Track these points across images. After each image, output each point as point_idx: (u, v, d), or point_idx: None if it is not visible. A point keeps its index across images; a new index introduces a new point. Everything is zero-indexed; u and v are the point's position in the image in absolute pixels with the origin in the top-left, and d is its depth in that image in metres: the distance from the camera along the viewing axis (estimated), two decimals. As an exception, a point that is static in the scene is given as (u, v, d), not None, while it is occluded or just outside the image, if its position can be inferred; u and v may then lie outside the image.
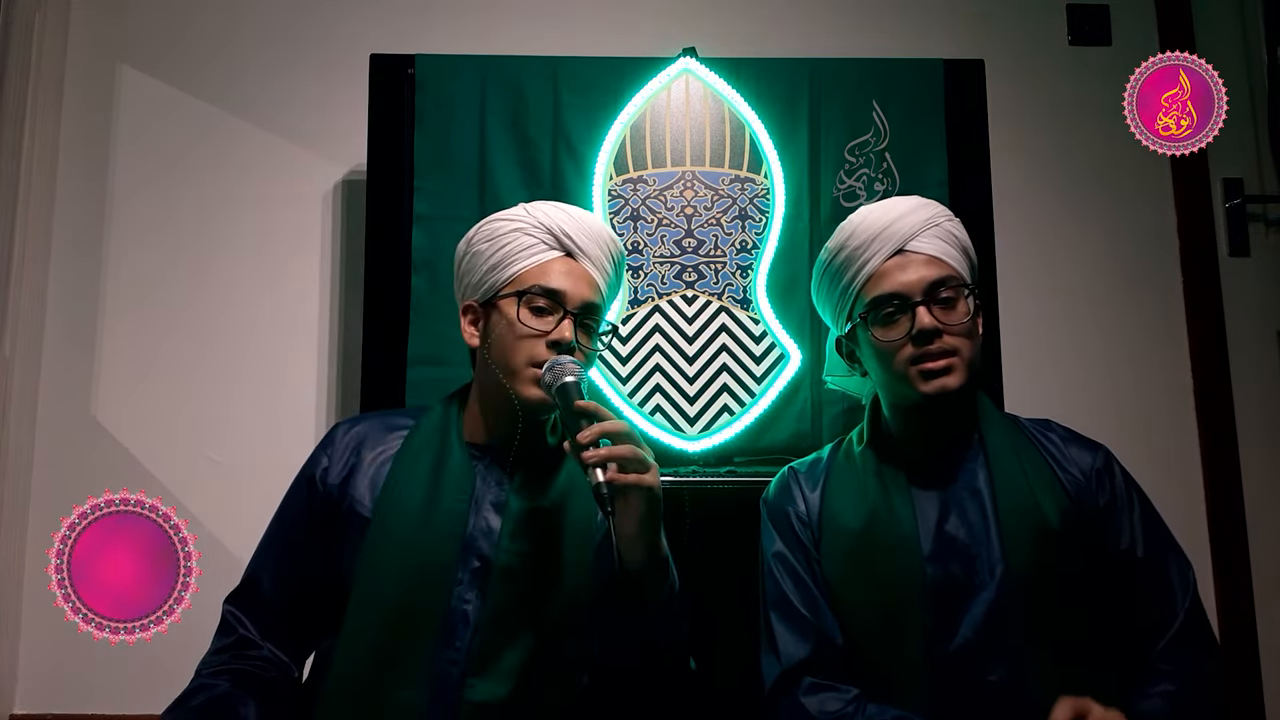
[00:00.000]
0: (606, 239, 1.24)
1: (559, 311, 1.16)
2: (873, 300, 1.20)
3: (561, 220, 1.21)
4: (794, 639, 1.17)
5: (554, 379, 1.09)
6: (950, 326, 1.16)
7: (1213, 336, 1.97)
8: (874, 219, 1.22)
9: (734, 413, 1.66)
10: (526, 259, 1.19)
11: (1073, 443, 1.25)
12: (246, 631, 1.14)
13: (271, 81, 1.97)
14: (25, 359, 1.83)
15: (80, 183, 1.93)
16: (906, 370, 1.17)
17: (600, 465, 1.01)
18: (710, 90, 1.74)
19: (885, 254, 1.20)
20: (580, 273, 1.20)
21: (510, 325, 1.16)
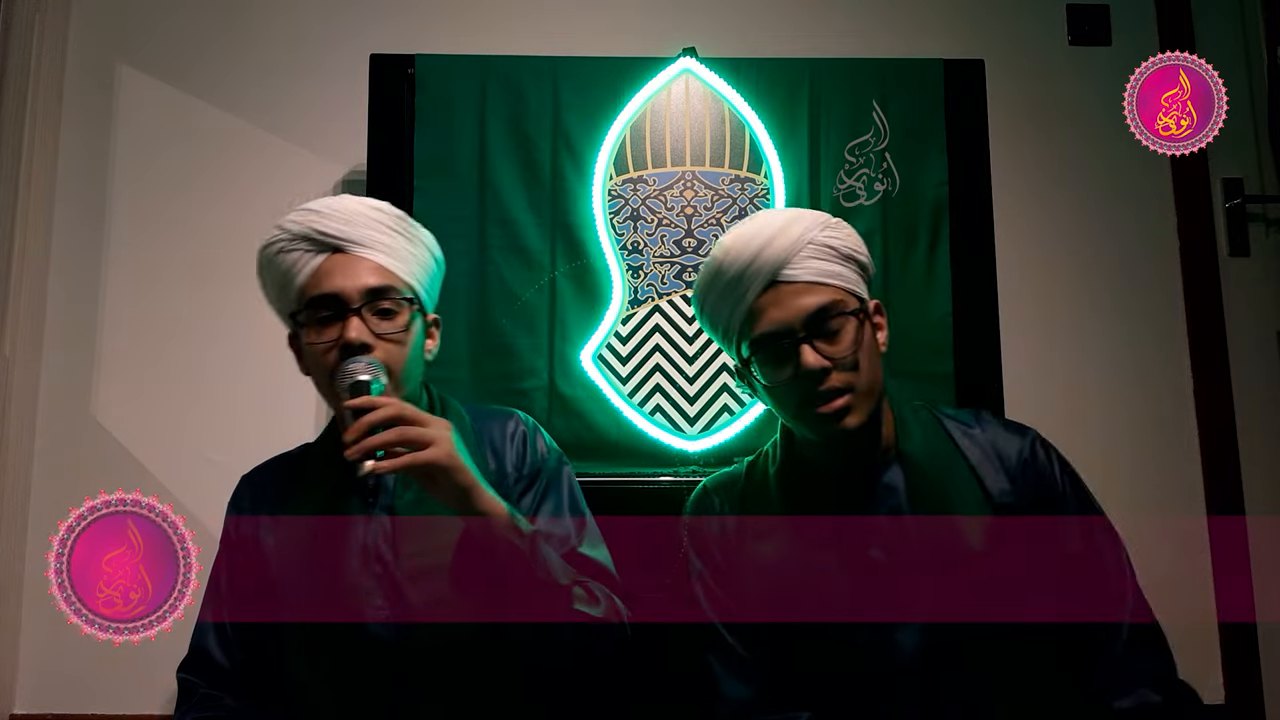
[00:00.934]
0: (370, 214, 1.17)
1: (342, 314, 1.12)
2: (755, 340, 1.11)
3: (311, 220, 1.15)
4: (734, 680, 1.13)
5: (344, 381, 1.08)
6: (840, 359, 1.08)
7: (1213, 336, 1.97)
8: (737, 250, 1.11)
9: (734, 413, 1.66)
10: (299, 274, 1.15)
11: (999, 433, 1.17)
12: (207, 690, 1.17)
13: (271, 81, 1.97)
14: (25, 359, 1.83)
15: (80, 183, 1.93)
16: (801, 413, 1.10)
17: (370, 457, 0.99)
18: (710, 90, 1.74)
19: (758, 289, 1.10)
20: (354, 263, 1.14)
21: (307, 346, 1.15)
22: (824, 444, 1.14)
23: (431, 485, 1.03)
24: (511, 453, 1.22)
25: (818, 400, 1.07)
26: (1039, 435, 1.17)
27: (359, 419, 1.01)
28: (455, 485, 1.02)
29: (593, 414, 1.65)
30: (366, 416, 1.01)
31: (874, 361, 1.12)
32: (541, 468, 1.23)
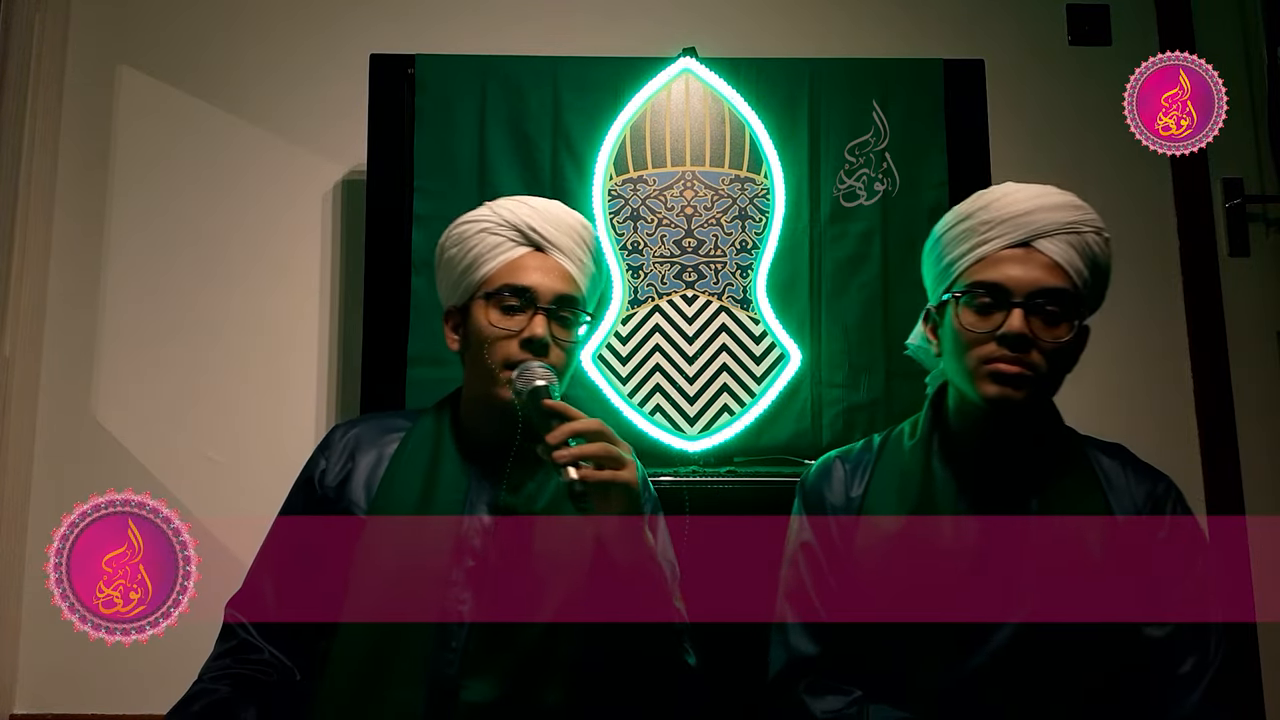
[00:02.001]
0: (576, 227, 1.22)
1: (531, 308, 1.15)
2: (974, 283, 1.11)
3: (526, 215, 1.19)
4: (804, 635, 1.15)
5: (524, 384, 1.09)
6: (1042, 341, 1.07)
7: (1213, 336, 1.97)
8: (1012, 200, 1.12)
9: (734, 413, 1.66)
10: (495, 258, 1.18)
11: (1136, 471, 1.17)
12: (248, 635, 1.15)
13: (271, 81, 1.97)
14: (25, 359, 1.83)
15: (80, 183, 1.93)
16: (977, 365, 1.09)
17: (573, 464, 1.00)
18: (710, 90, 1.74)
19: (1008, 240, 1.10)
20: (551, 266, 1.18)
21: (483, 327, 1.16)
22: (979, 416, 1.14)
23: (607, 506, 1.03)
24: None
25: (1001, 360, 1.08)
26: (1173, 484, 1.18)
27: (560, 424, 1.03)
28: (630, 511, 1.04)
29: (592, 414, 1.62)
30: (571, 424, 1.03)
31: (1063, 367, 1.12)
32: (655, 511, 1.24)
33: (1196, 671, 1.07)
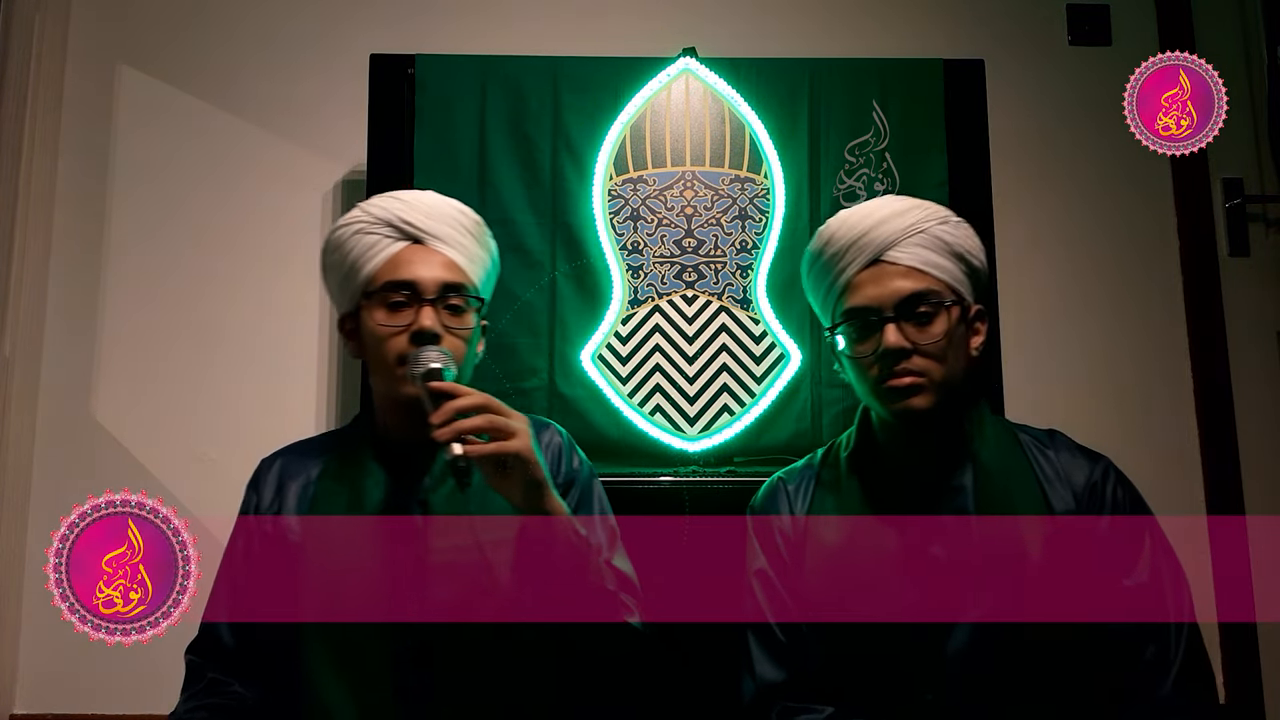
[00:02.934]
0: (453, 214, 1.21)
1: (416, 302, 1.14)
2: (846, 312, 1.15)
3: (397, 209, 1.18)
4: (770, 663, 1.15)
5: (418, 367, 1.08)
6: (922, 345, 1.10)
7: (1213, 336, 1.97)
8: (850, 224, 1.16)
9: (734, 413, 1.66)
10: (374, 257, 1.17)
11: (1072, 456, 1.18)
12: (215, 674, 1.16)
13: (271, 81, 1.97)
14: (25, 359, 1.83)
15: (80, 183, 1.93)
16: (875, 388, 1.13)
17: (458, 440, 1.00)
18: (710, 90, 1.74)
19: (860, 263, 1.14)
20: (432, 256, 1.17)
21: (373, 328, 1.15)
22: (898, 427, 1.16)
23: (503, 477, 1.03)
24: (548, 462, 1.22)
25: (891, 377, 1.11)
26: (1112, 464, 1.18)
27: (444, 403, 1.02)
28: (530, 479, 1.03)
29: (593, 414, 1.65)
30: (454, 402, 1.02)
31: (958, 358, 1.14)
32: (575, 478, 1.23)
33: (1160, 659, 1.07)
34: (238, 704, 1.15)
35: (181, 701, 1.16)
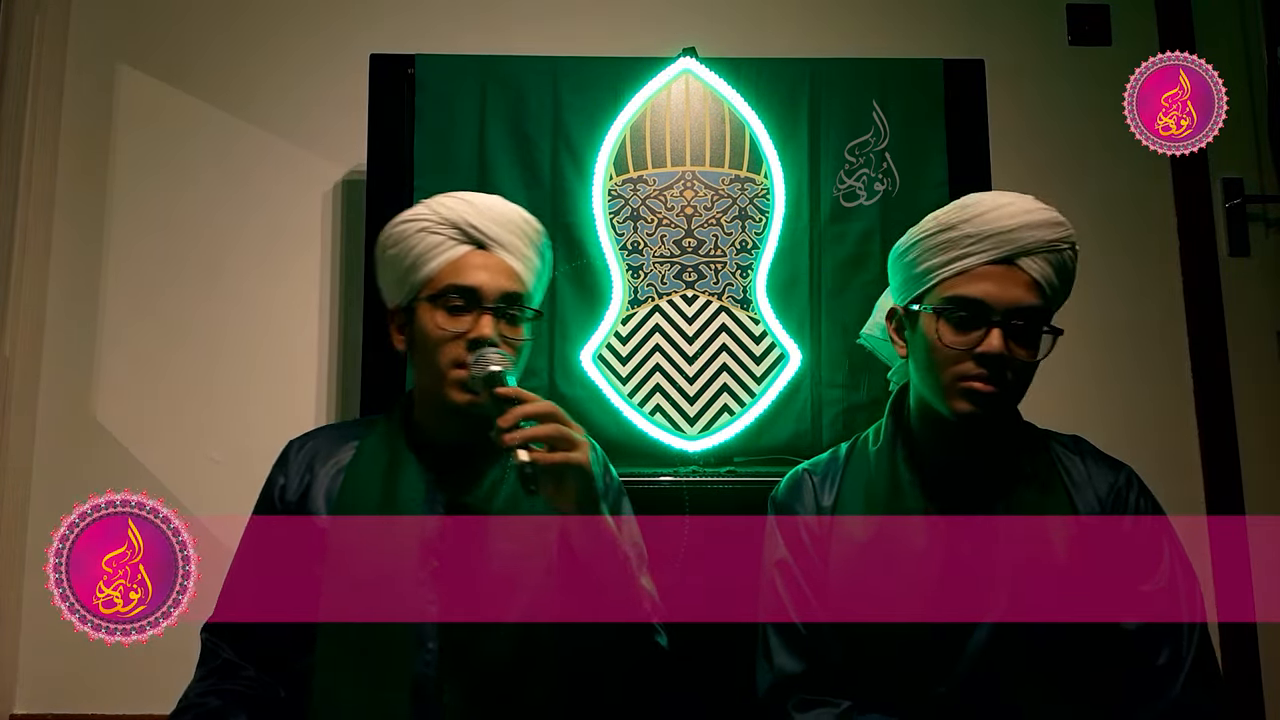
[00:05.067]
0: (519, 221, 1.20)
1: (477, 308, 1.13)
2: (953, 297, 1.10)
3: (466, 212, 1.17)
4: (788, 654, 1.15)
5: (479, 370, 1.08)
6: (1017, 360, 1.08)
7: (1213, 336, 1.97)
8: (998, 215, 1.11)
9: (734, 413, 1.66)
10: (437, 258, 1.15)
11: (1097, 463, 1.18)
12: (229, 655, 1.16)
13: (271, 81, 1.97)
14: (25, 359, 1.83)
15: (80, 182, 1.93)
16: (951, 381, 1.10)
17: (524, 446, 1.00)
18: (710, 90, 1.74)
19: (991, 256, 1.10)
20: (495, 263, 1.16)
21: (429, 330, 1.14)
22: (944, 426, 1.14)
23: (560, 489, 1.02)
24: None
25: (975, 379, 1.08)
26: (1134, 472, 1.18)
27: (511, 408, 1.02)
28: (585, 493, 1.02)
29: (593, 414, 1.65)
30: (522, 407, 1.01)
31: (1029, 380, 1.13)
32: (608, 494, 1.23)
33: (1173, 662, 1.08)
34: (249, 689, 1.14)
35: (195, 681, 1.15)
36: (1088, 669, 1.09)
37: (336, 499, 1.16)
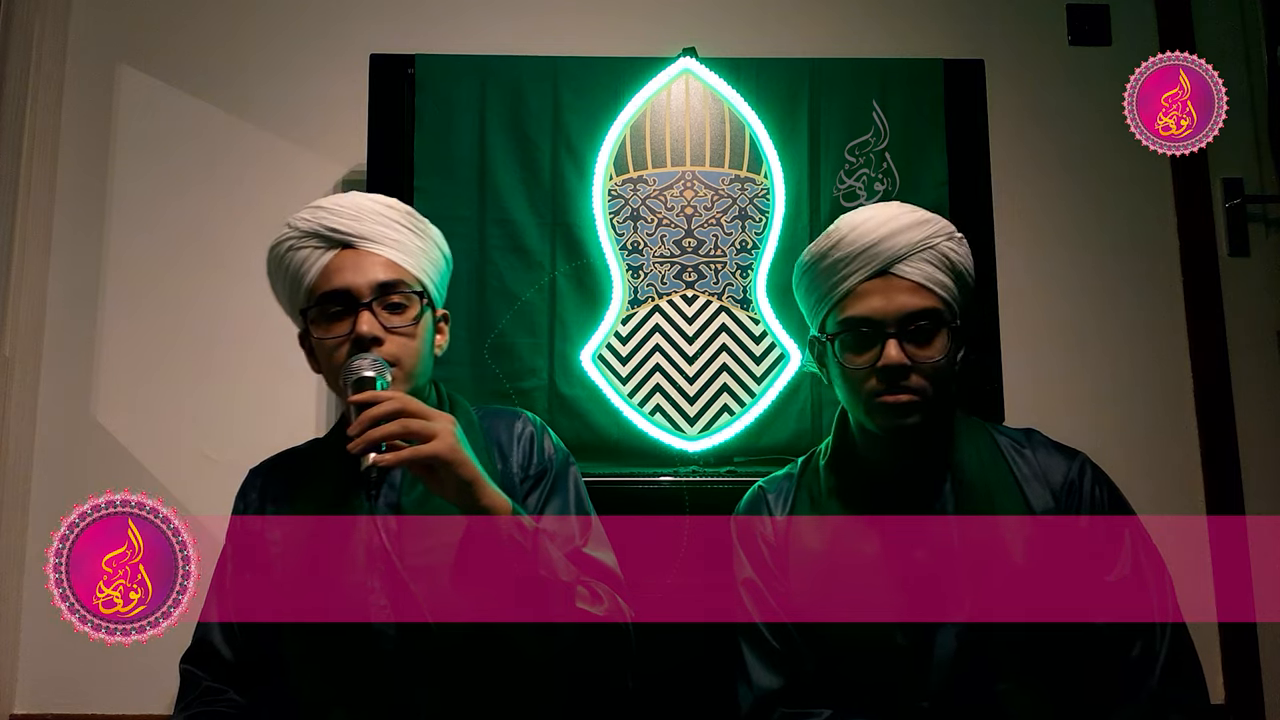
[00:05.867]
0: (380, 210, 1.20)
1: (353, 308, 1.13)
2: (845, 320, 1.14)
3: (320, 218, 1.17)
4: (766, 670, 1.16)
5: (350, 377, 1.08)
6: (921, 363, 1.10)
7: (1213, 336, 1.97)
8: (863, 231, 1.14)
9: (734, 413, 1.66)
10: (310, 271, 1.16)
11: (1049, 454, 1.18)
12: (210, 683, 1.18)
13: (271, 81, 1.97)
14: (25, 359, 1.83)
15: (80, 182, 1.93)
16: (866, 399, 1.12)
17: (375, 449, 0.99)
18: (710, 90, 1.74)
19: (867, 273, 1.13)
20: (363, 258, 1.16)
21: (319, 343, 1.16)
22: (880, 437, 1.16)
23: (433, 480, 1.03)
24: (518, 452, 1.22)
25: (887, 393, 1.10)
26: (1088, 460, 1.18)
27: (362, 413, 1.01)
28: (457, 479, 1.02)
29: (593, 414, 1.65)
30: (369, 410, 1.01)
31: (949, 376, 1.14)
32: (548, 468, 1.23)
33: (1146, 654, 1.07)
34: (233, 711, 1.16)
35: (178, 711, 1.17)
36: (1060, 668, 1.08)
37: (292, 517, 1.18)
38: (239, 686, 1.18)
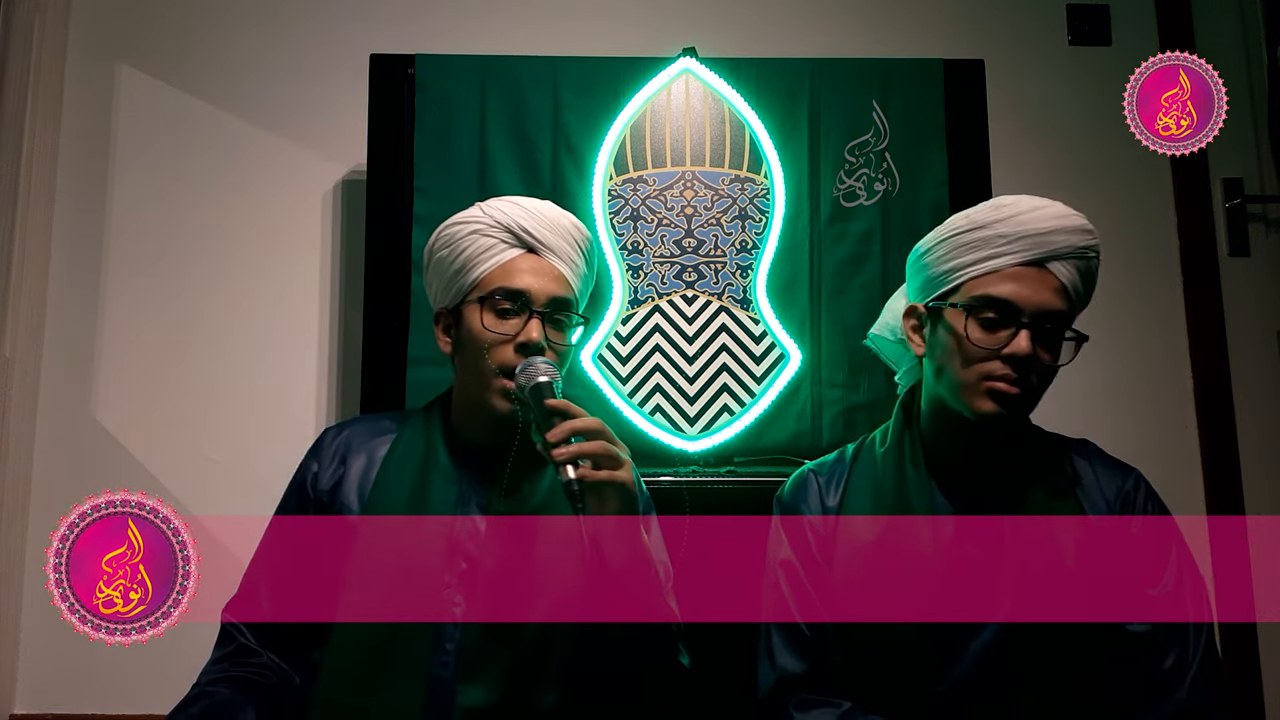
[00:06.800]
0: (570, 228, 1.21)
1: (525, 312, 1.14)
2: (982, 296, 1.10)
3: (519, 216, 1.17)
4: (791, 654, 1.15)
5: (526, 380, 1.08)
6: (1040, 363, 1.09)
7: (1213, 336, 1.97)
8: (1032, 218, 1.12)
9: (734, 413, 1.66)
10: (487, 261, 1.16)
11: (1105, 466, 1.19)
12: (245, 640, 1.15)
13: (272, 81, 1.97)
14: (25, 359, 1.83)
15: (80, 182, 1.93)
16: (975, 381, 1.10)
17: (571, 462, 1.00)
18: (710, 90, 1.74)
19: (1023, 258, 1.10)
20: (545, 268, 1.17)
21: (477, 332, 1.14)
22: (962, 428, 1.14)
23: (603, 505, 1.02)
24: None
25: (1001, 380, 1.08)
26: (1142, 476, 1.19)
27: (560, 421, 1.02)
28: (627, 511, 1.03)
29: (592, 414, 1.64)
30: (572, 422, 1.02)
31: (1049, 383, 1.14)
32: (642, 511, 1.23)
33: (1178, 666, 1.08)
34: (261, 677, 1.13)
35: (210, 663, 1.15)
36: (1091, 671, 1.09)
37: (369, 494, 1.16)
38: (277, 647, 1.15)
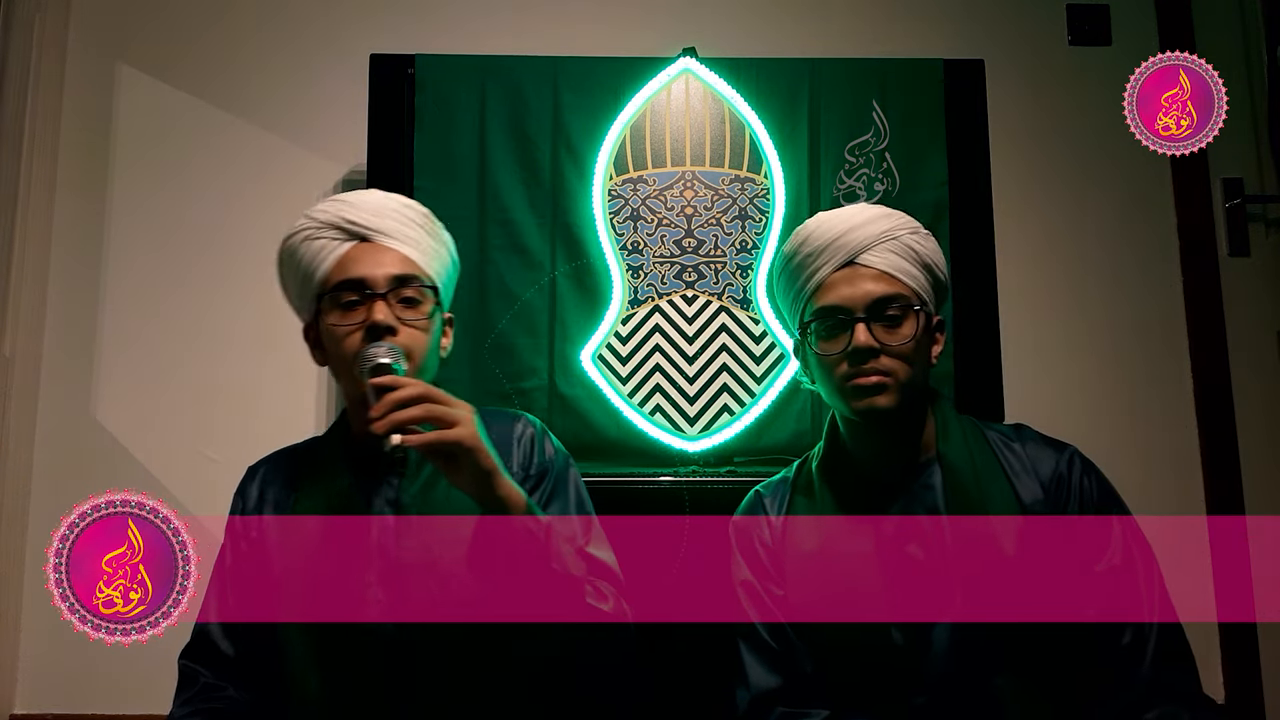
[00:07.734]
0: (398, 208, 1.21)
1: (368, 298, 1.14)
2: (817, 311, 1.18)
3: (341, 210, 1.19)
4: (763, 670, 1.17)
5: (365, 364, 1.08)
6: (890, 346, 1.13)
7: (1213, 336, 1.97)
8: (827, 227, 1.19)
9: (734, 413, 1.66)
10: (325, 260, 1.17)
11: (1039, 447, 1.19)
12: (209, 679, 1.17)
13: (272, 81, 1.97)
14: (25, 359, 1.83)
15: (80, 182, 1.93)
16: (840, 385, 1.15)
17: (397, 431, 1.00)
18: (710, 90, 1.74)
19: (834, 264, 1.17)
20: (380, 251, 1.17)
21: (329, 329, 1.16)
22: (862, 427, 1.18)
23: (452, 467, 1.02)
24: (519, 454, 1.22)
25: (858, 375, 1.13)
26: (1078, 451, 1.19)
27: (384, 396, 1.02)
28: (477, 467, 1.02)
29: (592, 414, 1.65)
30: (393, 394, 1.02)
31: (920, 362, 1.17)
32: (549, 469, 1.23)
33: (1137, 641, 1.08)
34: (231, 708, 1.15)
35: (176, 706, 1.16)
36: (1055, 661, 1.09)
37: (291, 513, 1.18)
38: (238, 683, 1.18)
